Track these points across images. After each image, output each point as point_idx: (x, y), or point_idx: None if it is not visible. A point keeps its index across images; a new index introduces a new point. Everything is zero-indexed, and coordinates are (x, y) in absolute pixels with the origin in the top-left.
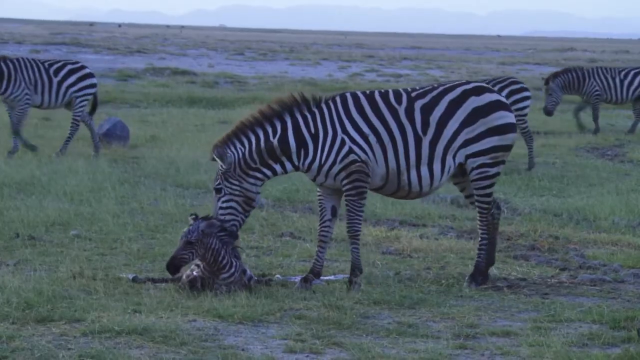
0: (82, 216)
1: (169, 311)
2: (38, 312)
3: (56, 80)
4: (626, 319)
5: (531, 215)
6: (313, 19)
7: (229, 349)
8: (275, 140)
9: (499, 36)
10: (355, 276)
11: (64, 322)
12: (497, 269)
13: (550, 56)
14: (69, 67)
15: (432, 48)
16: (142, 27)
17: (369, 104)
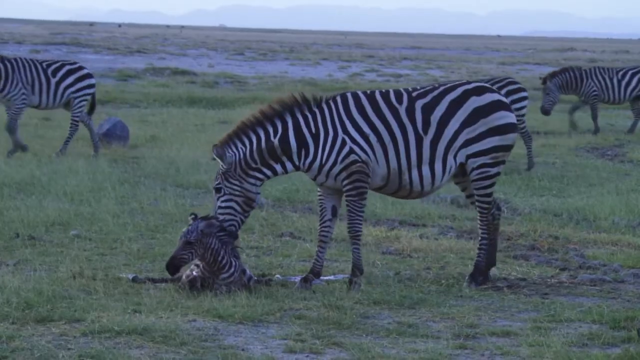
0: (82, 216)
1: (169, 311)
2: (38, 312)
3: (54, 81)
4: (626, 319)
5: (531, 215)
6: (313, 19)
7: (229, 349)
8: (276, 140)
9: (499, 36)
10: (356, 276)
11: (63, 322)
12: (497, 269)
13: (550, 56)
14: (67, 67)
15: (432, 48)
16: (142, 27)
17: (370, 104)
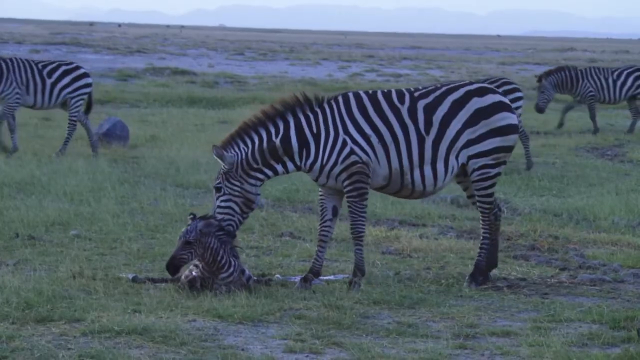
0: (82, 216)
1: (169, 311)
2: (38, 312)
3: (49, 82)
4: (626, 319)
5: (531, 215)
6: (313, 19)
7: (228, 349)
8: (278, 140)
9: (499, 36)
10: (357, 277)
11: (63, 322)
12: (497, 269)
13: (550, 56)
14: (63, 68)
15: (432, 48)
16: (142, 27)
17: (372, 104)
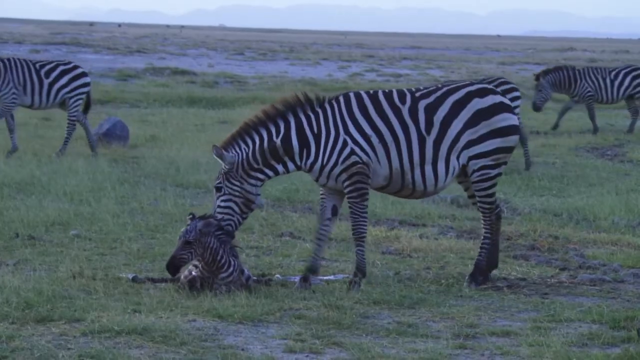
0: (82, 216)
1: (169, 311)
2: (38, 312)
3: (47, 82)
4: (626, 319)
5: (531, 215)
6: (313, 18)
7: (228, 348)
8: (279, 140)
9: (499, 36)
10: (357, 277)
11: (63, 322)
12: (497, 269)
13: (550, 56)
14: (60, 68)
15: (432, 48)
16: (142, 26)
17: (372, 104)
